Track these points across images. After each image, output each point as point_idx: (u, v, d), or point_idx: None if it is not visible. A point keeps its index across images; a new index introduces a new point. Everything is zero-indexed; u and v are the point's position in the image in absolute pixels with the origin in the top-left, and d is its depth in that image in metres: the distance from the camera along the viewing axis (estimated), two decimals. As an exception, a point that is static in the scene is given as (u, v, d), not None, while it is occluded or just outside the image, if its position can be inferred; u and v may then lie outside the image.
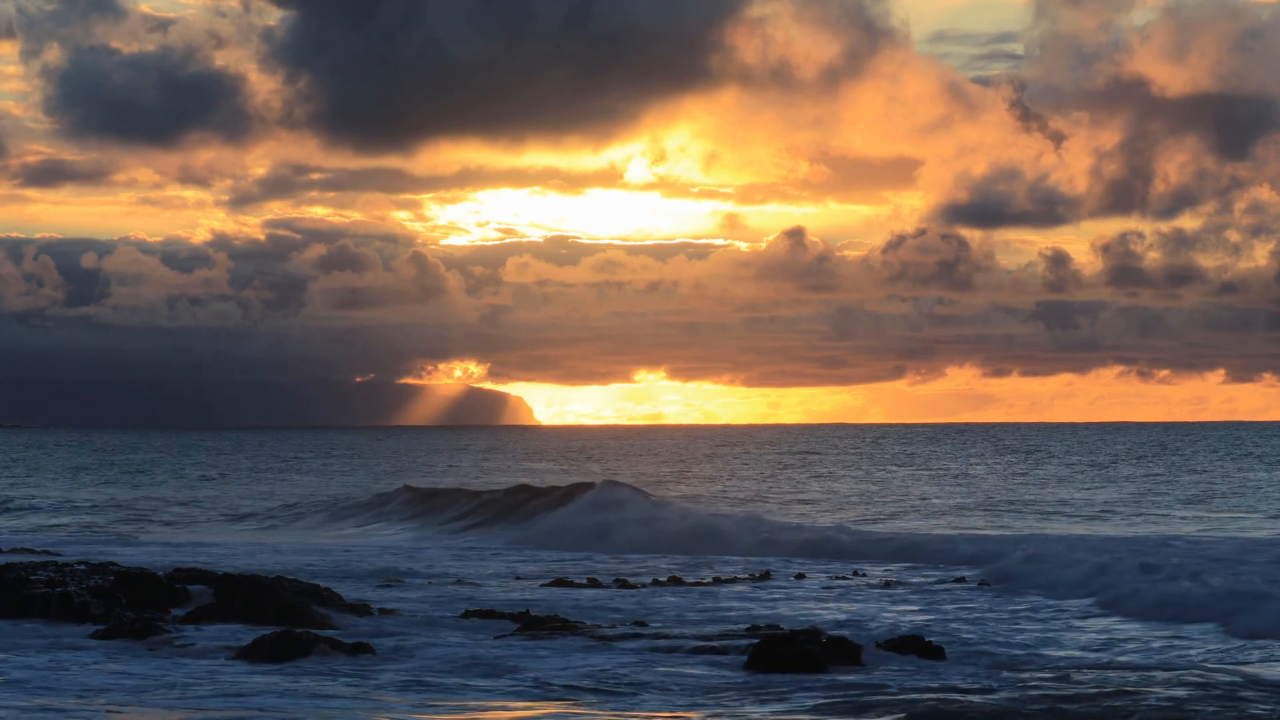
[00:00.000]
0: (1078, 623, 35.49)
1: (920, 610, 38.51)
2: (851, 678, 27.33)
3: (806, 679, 27.16)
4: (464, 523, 72.73)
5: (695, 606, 39.88)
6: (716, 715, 24.03)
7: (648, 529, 62.62)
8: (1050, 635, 33.46)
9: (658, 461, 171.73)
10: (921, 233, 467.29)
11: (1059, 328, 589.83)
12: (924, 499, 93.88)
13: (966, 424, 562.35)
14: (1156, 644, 31.81)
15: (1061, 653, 30.81)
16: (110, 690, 25.85)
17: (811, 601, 41.33)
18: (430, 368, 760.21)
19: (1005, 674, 27.85)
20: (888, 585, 45.23)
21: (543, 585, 45.43)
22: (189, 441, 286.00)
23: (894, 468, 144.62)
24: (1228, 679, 27.02)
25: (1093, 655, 30.46)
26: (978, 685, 26.58)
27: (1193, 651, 30.74)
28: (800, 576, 47.68)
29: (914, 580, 46.25)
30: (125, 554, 54.37)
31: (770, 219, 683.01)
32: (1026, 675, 27.68)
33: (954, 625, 35.27)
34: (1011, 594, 41.38)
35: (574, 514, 66.68)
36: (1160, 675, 27.57)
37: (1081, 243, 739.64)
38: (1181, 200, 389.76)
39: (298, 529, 74.98)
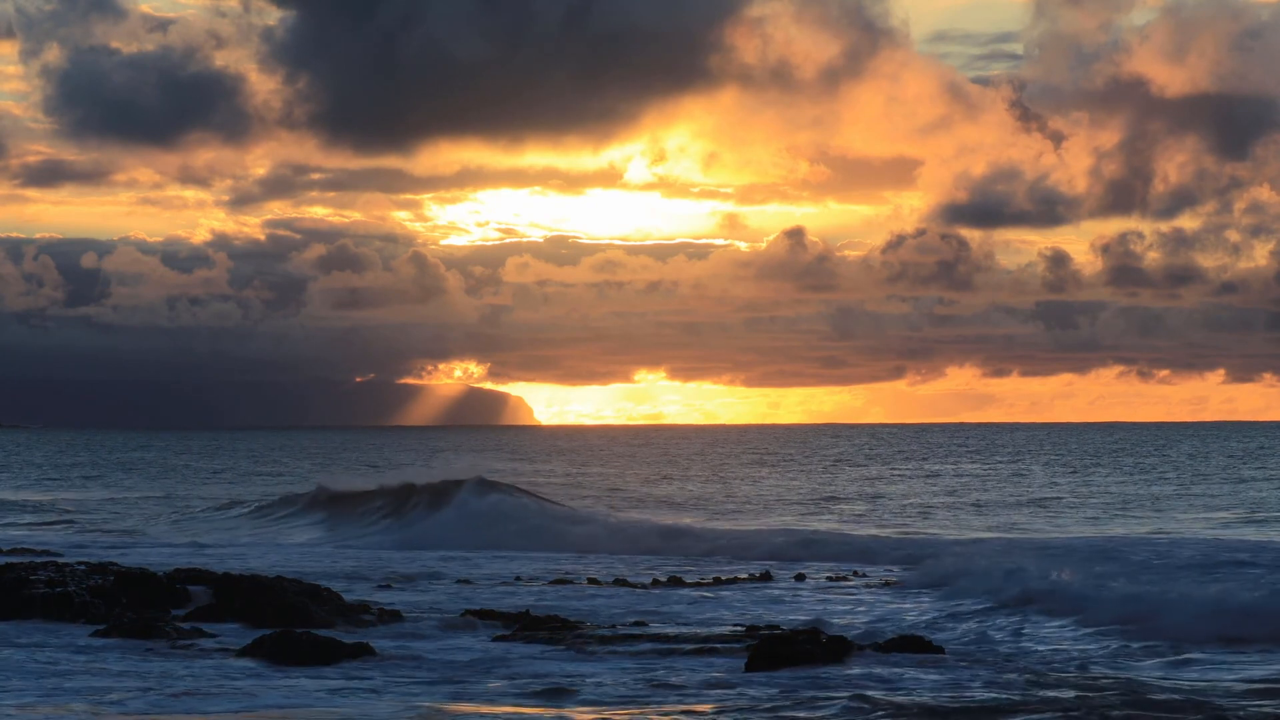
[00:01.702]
0: (1078, 625, 35.43)
1: (920, 610, 38.50)
2: (852, 677, 27.33)
3: (807, 679, 27.17)
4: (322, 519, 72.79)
5: (695, 607, 39.91)
6: (717, 716, 24.04)
7: (514, 527, 63.69)
8: (1050, 635, 33.46)
9: (643, 462, 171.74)
10: (921, 233, 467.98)
11: (1059, 328, 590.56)
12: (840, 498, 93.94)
13: (966, 424, 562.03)
14: (1161, 649, 31.81)
15: (1067, 653, 30.85)
16: (111, 691, 25.86)
17: (811, 601, 41.34)
18: (430, 368, 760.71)
19: (1008, 674, 27.86)
20: (887, 585, 45.26)
21: (542, 585, 45.46)
22: (182, 442, 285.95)
23: (852, 467, 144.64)
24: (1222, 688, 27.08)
25: (1095, 657, 30.49)
26: (979, 684, 26.58)
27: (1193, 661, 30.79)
28: (800, 577, 47.70)
29: (910, 581, 46.19)
30: (125, 554, 54.38)
31: (770, 219, 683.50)
32: (1029, 675, 27.69)
33: (953, 624, 35.27)
34: (1007, 595, 41.32)
35: (446, 514, 67.48)
36: (1166, 681, 27.61)
37: (1081, 243, 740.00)
38: (1181, 200, 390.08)
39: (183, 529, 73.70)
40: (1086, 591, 38.57)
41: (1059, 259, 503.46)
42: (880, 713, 24.11)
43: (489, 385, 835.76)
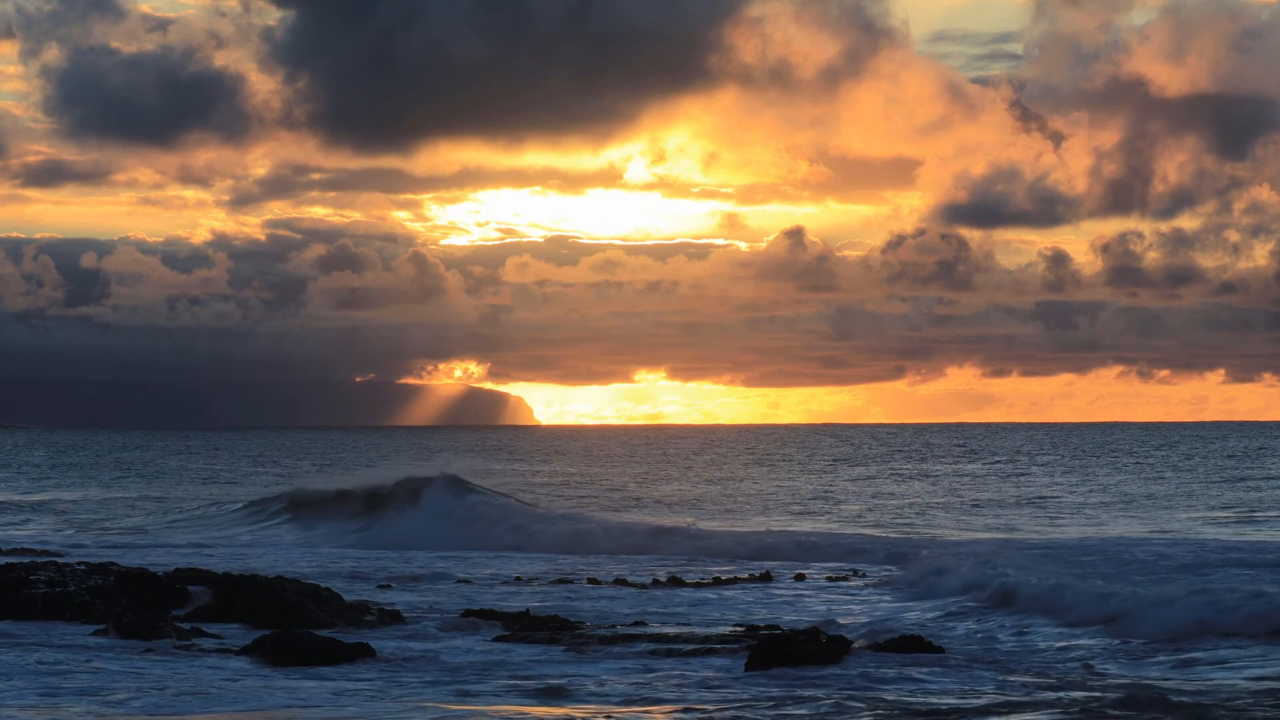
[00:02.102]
0: (1074, 625, 35.45)
1: (921, 610, 38.48)
2: (852, 677, 27.34)
3: (807, 679, 27.17)
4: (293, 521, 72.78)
5: (695, 607, 39.92)
6: (717, 716, 24.03)
7: (473, 528, 64.09)
8: (1050, 634, 33.45)
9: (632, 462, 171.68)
10: (921, 233, 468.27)
11: (1059, 328, 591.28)
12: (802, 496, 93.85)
13: (966, 424, 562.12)
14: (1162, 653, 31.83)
15: (1068, 652, 30.85)
16: (111, 691, 25.85)
17: (811, 601, 41.34)
18: (430, 368, 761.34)
19: (1010, 674, 27.87)
20: (885, 584, 45.24)
21: (542, 585, 45.46)
22: (181, 442, 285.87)
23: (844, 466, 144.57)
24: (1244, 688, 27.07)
25: (1095, 656, 30.50)
26: (980, 684, 26.59)
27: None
28: (800, 577, 47.70)
29: (904, 581, 46.17)
30: (125, 554, 54.38)
31: (770, 219, 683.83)
32: (1032, 675, 27.71)
33: (954, 624, 35.25)
34: (996, 595, 41.33)
35: (412, 512, 67.64)
36: (1169, 682, 27.62)
37: (1081, 243, 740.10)
38: (1181, 200, 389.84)
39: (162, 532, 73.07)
40: (1078, 591, 38.59)
41: (1059, 259, 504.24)
42: (881, 713, 24.11)
43: (489, 385, 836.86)
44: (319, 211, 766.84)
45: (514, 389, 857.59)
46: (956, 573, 45.33)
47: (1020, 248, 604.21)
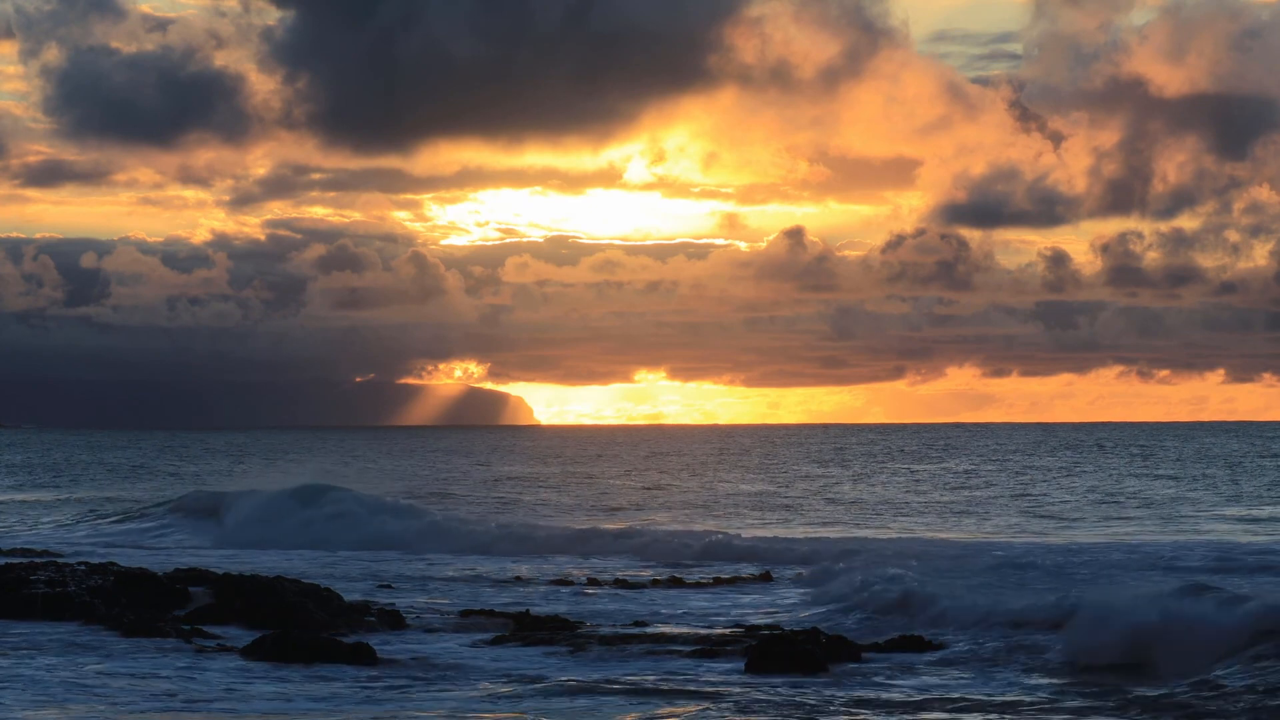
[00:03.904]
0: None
1: (906, 613, 38.42)
2: (852, 676, 27.36)
3: (808, 678, 27.19)
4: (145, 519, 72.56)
5: (694, 607, 39.92)
6: (717, 716, 24.05)
7: (337, 526, 63.87)
8: (1047, 634, 33.47)
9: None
10: (921, 233, 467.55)
11: (1059, 328, 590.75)
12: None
13: (966, 424, 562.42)
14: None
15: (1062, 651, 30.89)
16: (111, 692, 25.87)
17: (810, 601, 41.32)
18: (430, 368, 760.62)
19: (1010, 672, 27.89)
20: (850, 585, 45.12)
21: (542, 585, 45.47)
22: (181, 442, 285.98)
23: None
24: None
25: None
26: (980, 682, 26.61)
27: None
28: (799, 577, 47.68)
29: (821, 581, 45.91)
30: (125, 554, 54.38)
31: (770, 219, 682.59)
32: (1032, 673, 27.73)
33: (952, 623, 35.24)
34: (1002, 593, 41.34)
35: (274, 510, 67.39)
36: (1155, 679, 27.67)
37: (1081, 243, 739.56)
38: (1180, 200, 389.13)
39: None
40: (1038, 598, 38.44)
41: (1058, 259, 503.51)
42: (881, 711, 24.12)
43: (489, 385, 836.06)
44: (319, 211, 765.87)
45: (514, 389, 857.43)
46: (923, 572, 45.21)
47: (1020, 248, 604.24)
